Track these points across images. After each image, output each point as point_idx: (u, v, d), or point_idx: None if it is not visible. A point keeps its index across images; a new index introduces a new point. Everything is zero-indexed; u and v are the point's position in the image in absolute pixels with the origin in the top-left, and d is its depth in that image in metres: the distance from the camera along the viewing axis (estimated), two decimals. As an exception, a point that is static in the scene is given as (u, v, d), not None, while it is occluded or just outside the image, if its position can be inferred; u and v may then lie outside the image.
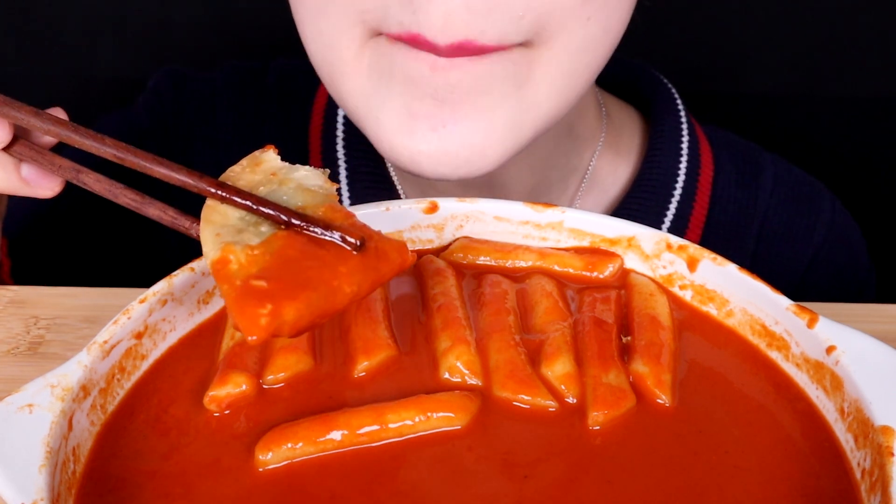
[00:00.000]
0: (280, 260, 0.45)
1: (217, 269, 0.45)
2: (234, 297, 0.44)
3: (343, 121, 0.87)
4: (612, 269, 0.59)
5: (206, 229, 0.47)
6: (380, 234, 0.48)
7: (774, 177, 0.89)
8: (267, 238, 0.46)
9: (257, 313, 0.43)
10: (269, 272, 0.45)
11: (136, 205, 0.52)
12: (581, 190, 0.85)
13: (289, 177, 0.50)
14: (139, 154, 0.50)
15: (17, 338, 0.62)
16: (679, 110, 0.88)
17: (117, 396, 0.50)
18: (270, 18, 1.15)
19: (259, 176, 0.50)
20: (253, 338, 0.43)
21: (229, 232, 0.47)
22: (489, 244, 0.60)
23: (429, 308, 0.55)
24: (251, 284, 0.44)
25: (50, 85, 1.18)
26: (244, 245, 0.46)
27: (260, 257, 0.45)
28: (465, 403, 0.49)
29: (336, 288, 0.45)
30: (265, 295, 0.44)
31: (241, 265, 0.45)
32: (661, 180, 0.85)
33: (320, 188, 0.50)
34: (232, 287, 0.44)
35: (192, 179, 0.49)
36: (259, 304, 0.43)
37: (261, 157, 0.51)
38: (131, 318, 0.51)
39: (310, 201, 0.49)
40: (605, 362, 0.52)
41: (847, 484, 0.47)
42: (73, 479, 0.45)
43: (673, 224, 0.85)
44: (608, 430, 0.49)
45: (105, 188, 0.52)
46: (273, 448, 0.47)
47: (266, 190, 0.49)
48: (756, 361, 0.54)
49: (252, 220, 0.48)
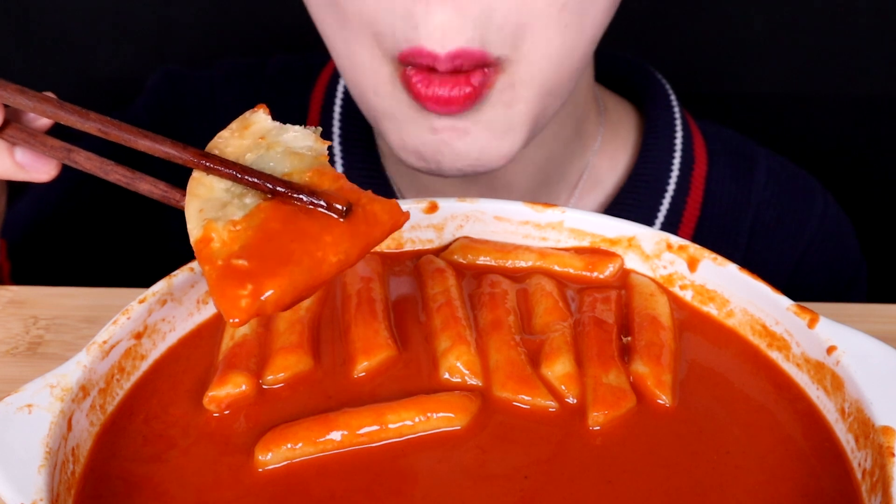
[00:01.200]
0: (262, 234, 0.45)
1: (199, 249, 0.45)
2: (215, 278, 0.44)
3: (339, 117, 0.88)
4: (612, 269, 0.59)
5: (190, 204, 0.47)
6: (370, 195, 0.47)
7: (768, 170, 0.90)
8: (251, 210, 0.46)
9: (237, 294, 0.43)
10: (250, 249, 0.44)
11: (126, 180, 0.51)
12: (580, 186, 0.86)
13: (277, 139, 0.49)
14: (123, 127, 0.50)
15: (16, 338, 0.62)
16: (672, 105, 0.88)
17: (117, 397, 0.50)
18: (270, 19, 1.15)
19: (248, 140, 0.49)
20: (234, 320, 0.43)
21: (213, 207, 0.46)
22: (489, 244, 0.60)
23: (429, 308, 0.55)
24: (232, 264, 0.44)
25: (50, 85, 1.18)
26: (227, 221, 0.45)
27: (242, 233, 0.45)
28: (465, 403, 0.49)
29: (321, 259, 0.45)
30: (246, 275, 0.43)
31: (223, 243, 0.44)
32: (654, 174, 0.86)
33: (310, 149, 0.49)
34: (213, 268, 0.44)
35: (175, 150, 0.49)
36: (239, 284, 0.43)
37: (250, 119, 0.50)
38: (131, 318, 0.51)
39: (297, 165, 0.48)
40: (606, 362, 0.52)
41: (848, 484, 0.47)
42: (72, 480, 0.45)
43: (667, 218, 0.85)
44: (608, 430, 0.49)
45: (96, 166, 0.52)
46: (273, 448, 0.47)
47: (253, 156, 0.49)
48: (756, 362, 0.54)
49: (238, 190, 0.47)
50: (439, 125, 0.69)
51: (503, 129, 0.70)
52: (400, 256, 0.60)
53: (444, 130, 0.69)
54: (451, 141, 0.69)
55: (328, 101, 0.89)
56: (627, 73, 0.92)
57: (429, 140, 0.70)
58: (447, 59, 0.65)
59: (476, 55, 0.66)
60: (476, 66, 0.66)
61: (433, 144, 0.70)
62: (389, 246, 0.60)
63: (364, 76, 0.71)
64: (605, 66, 0.92)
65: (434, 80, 0.67)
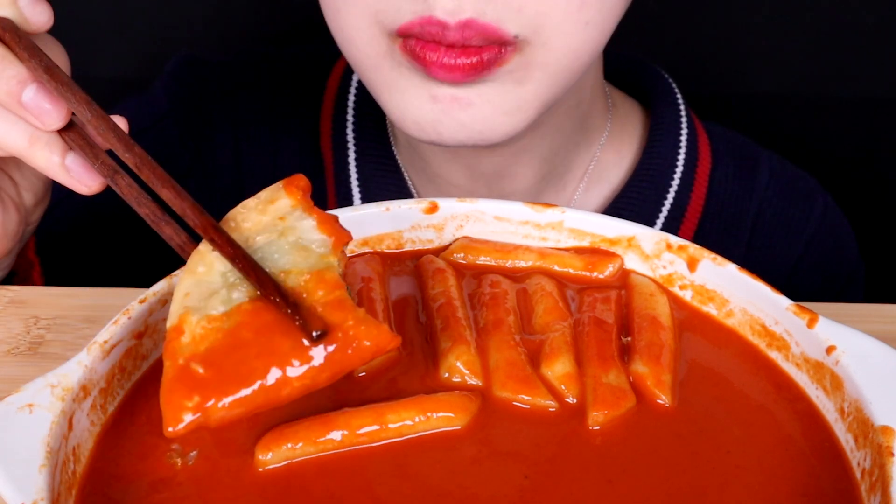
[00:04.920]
0: (231, 341, 0.43)
1: (168, 340, 0.43)
2: (168, 378, 0.42)
3: (353, 105, 0.89)
4: (612, 269, 0.59)
5: (182, 283, 0.46)
6: (360, 316, 0.44)
7: (770, 171, 0.91)
8: (231, 309, 0.44)
9: (182, 404, 0.42)
10: (213, 355, 0.43)
11: (153, 218, 0.50)
12: (585, 180, 0.86)
13: (294, 225, 0.47)
14: (156, 171, 0.49)
15: (17, 338, 0.62)
16: (679, 103, 0.90)
17: (117, 396, 0.50)
18: (270, 20, 1.16)
19: (267, 217, 0.48)
20: (170, 429, 0.42)
21: (200, 294, 0.45)
22: (489, 244, 0.60)
23: (429, 308, 0.55)
24: (189, 368, 0.42)
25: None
26: (204, 315, 0.44)
27: (212, 333, 0.43)
28: (465, 403, 0.49)
29: (282, 382, 0.43)
30: (198, 384, 0.42)
31: (192, 338, 0.43)
32: (659, 170, 0.86)
33: (322, 244, 0.47)
34: (173, 364, 0.43)
35: (193, 212, 0.48)
36: (187, 394, 0.42)
37: (278, 193, 0.49)
38: (131, 318, 0.51)
39: (299, 264, 0.46)
40: (605, 362, 0.52)
41: (847, 484, 0.47)
42: (73, 479, 0.45)
43: (670, 213, 0.87)
44: (608, 430, 0.49)
45: (133, 195, 0.51)
46: (273, 448, 0.47)
47: (263, 239, 0.47)
48: (756, 361, 0.54)
49: (233, 278, 0.45)
50: (440, 93, 0.69)
51: (511, 106, 0.70)
52: (400, 256, 0.60)
53: (445, 99, 0.69)
54: (453, 111, 0.69)
55: (343, 88, 0.90)
56: (636, 73, 0.94)
57: (428, 109, 0.69)
58: (456, 27, 0.65)
59: (488, 30, 0.65)
60: (488, 42, 0.66)
61: (433, 113, 0.69)
62: (389, 246, 0.60)
63: (359, 51, 0.71)
64: (615, 65, 0.93)
65: (441, 50, 0.66)
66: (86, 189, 0.55)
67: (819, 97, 1.17)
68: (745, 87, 1.18)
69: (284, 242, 0.47)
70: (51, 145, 0.54)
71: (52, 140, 0.54)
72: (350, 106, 0.89)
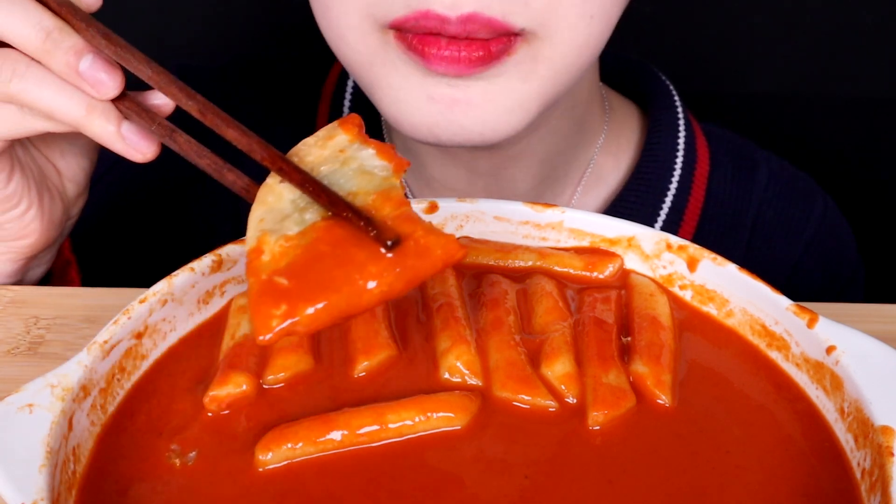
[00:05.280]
0: (310, 255, 0.45)
1: (250, 260, 0.45)
2: (255, 292, 0.44)
3: (349, 110, 0.89)
4: (612, 269, 0.59)
5: (254, 211, 0.48)
6: (427, 228, 0.46)
7: (769, 172, 0.91)
8: (306, 228, 0.46)
9: (271, 313, 0.43)
10: (295, 268, 0.44)
11: (215, 167, 0.52)
12: (583, 183, 0.86)
13: (355, 155, 0.49)
14: (220, 114, 0.52)
15: (17, 338, 0.62)
16: (676, 105, 0.90)
17: (117, 396, 0.50)
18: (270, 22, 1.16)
19: (327, 151, 0.50)
20: (262, 337, 0.43)
21: (273, 218, 0.47)
22: (489, 244, 0.60)
23: (429, 308, 0.55)
24: (273, 281, 0.44)
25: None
26: (280, 235, 0.46)
27: (292, 249, 0.45)
28: (465, 403, 0.49)
29: (362, 288, 0.44)
30: (283, 294, 0.43)
31: (272, 257, 0.45)
32: (657, 172, 0.86)
33: (383, 168, 0.48)
34: (257, 280, 0.44)
35: (259, 147, 0.50)
36: (275, 303, 0.43)
37: (335, 131, 0.51)
38: (131, 318, 0.51)
39: (364, 186, 0.48)
40: (605, 362, 0.52)
41: (847, 484, 0.47)
42: (73, 479, 0.45)
43: (669, 216, 0.86)
44: (608, 430, 0.49)
45: (193, 149, 0.53)
46: (273, 448, 0.47)
47: (328, 169, 0.49)
48: (756, 361, 0.54)
49: (302, 203, 0.47)
50: (437, 93, 0.67)
51: (514, 103, 0.68)
52: (400, 256, 0.60)
53: (444, 100, 0.67)
54: (451, 114, 0.67)
55: (338, 93, 0.90)
56: (633, 75, 0.93)
57: (425, 111, 0.68)
58: (458, 21, 0.63)
59: (494, 23, 0.64)
60: (496, 34, 0.65)
61: (430, 115, 0.68)
62: (389, 246, 0.60)
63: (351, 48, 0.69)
64: (612, 67, 0.93)
65: (442, 42, 0.65)
66: (140, 156, 0.56)
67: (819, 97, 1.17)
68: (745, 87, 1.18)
69: (348, 170, 0.49)
70: (107, 114, 0.55)
71: (108, 109, 0.56)
72: (346, 110, 0.89)
